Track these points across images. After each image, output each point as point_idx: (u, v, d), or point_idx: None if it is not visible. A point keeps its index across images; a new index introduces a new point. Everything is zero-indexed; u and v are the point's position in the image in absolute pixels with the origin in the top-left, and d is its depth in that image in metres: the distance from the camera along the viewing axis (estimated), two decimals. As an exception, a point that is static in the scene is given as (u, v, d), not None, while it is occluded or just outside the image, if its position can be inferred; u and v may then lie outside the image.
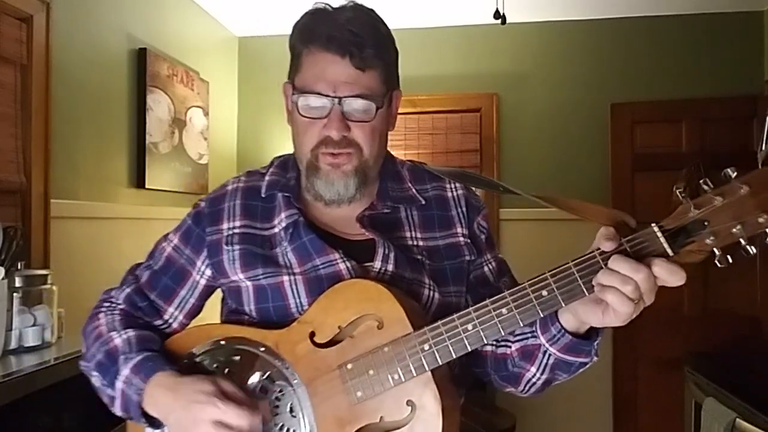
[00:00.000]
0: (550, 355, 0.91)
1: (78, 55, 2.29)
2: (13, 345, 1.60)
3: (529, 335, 0.94)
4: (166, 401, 0.90)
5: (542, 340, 0.90)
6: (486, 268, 1.07)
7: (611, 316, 0.80)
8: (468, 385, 1.06)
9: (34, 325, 1.65)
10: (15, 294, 1.64)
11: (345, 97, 0.94)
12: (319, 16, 0.97)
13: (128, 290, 1.06)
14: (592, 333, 0.89)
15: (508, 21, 2.55)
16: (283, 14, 3.34)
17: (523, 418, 3.22)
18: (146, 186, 2.66)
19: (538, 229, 3.35)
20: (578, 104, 3.42)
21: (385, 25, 1.01)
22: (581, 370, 0.93)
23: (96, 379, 0.99)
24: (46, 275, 1.75)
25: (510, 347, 0.98)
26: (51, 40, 2.08)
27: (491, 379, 1.03)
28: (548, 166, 3.44)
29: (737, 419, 1.92)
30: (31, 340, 1.63)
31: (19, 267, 1.72)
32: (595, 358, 0.91)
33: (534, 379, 0.96)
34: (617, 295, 0.77)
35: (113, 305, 1.06)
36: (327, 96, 0.94)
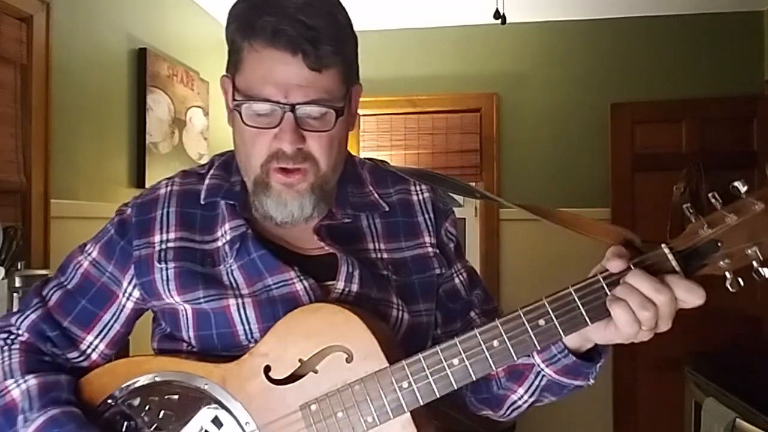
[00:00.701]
0: (543, 376, 0.82)
1: (78, 55, 2.29)
2: (13, 345, 1.60)
3: None
4: None
5: (537, 360, 0.81)
6: (456, 280, 0.95)
7: (613, 335, 0.73)
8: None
9: (34, 325, 1.65)
10: (15, 294, 1.64)
11: (299, 104, 0.78)
12: (260, 1, 0.79)
13: (33, 316, 0.87)
14: (594, 353, 0.80)
15: (508, 21, 2.55)
16: (283, 14, 3.33)
17: (523, 418, 3.22)
18: (146, 186, 2.66)
19: (538, 229, 3.34)
20: (578, 104, 3.42)
21: (343, 8, 0.83)
22: (570, 394, 0.85)
23: None
24: (46, 275, 1.74)
25: None
26: (51, 40, 2.08)
27: (465, 402, 0.93)
28: (548, 166, 3.44)
29: (737, 419, 1.92)
30: (31, 340, 1.63)
31: (19, 267, 1.72)
32: (591, 382, 0.83)
33: (519, 402, 0.87)
34: (628, 314, 0.69)
35: (13, 337, 0.87)
36: (277, 103, 0.78)
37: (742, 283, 0.70)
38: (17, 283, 1.65)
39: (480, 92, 3.49)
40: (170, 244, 0.86)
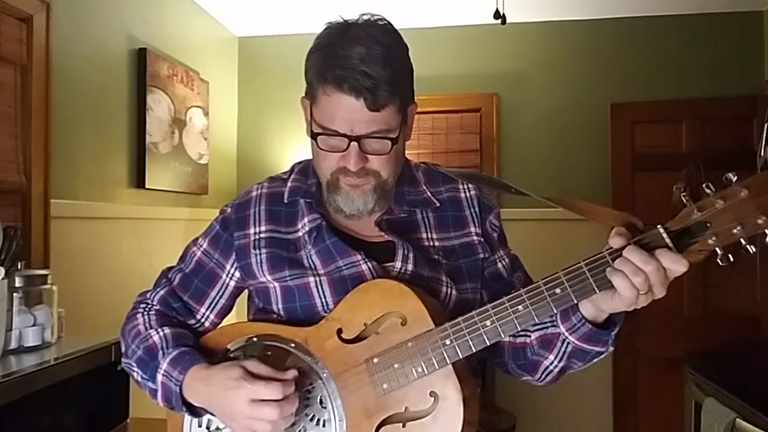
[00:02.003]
0: (568, 343, 0.96)
1: (78, 55, 2.29)
2: (13, 345, 1.59)
3: (549, 324, 0.98)
4: (202, 391, 0.97)
5: (562, 329, 0.95)
6: (499, 265, 1.12)
7: (617, 301, 0.86)
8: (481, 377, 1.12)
9: (34, 325, 1.65)
10: (15, 294, 1.64)
11: (361, 136, 0.97)
12: (331, 51, 0.97)
13: (162, 292, 1.13)
14: (610, 323, 0.94)
15: (508, 21, 2.55)
16: (283, 14, 3.34)
17: (523, 418, 3.22)
18: (146, 186, 2.66)
19: (539, 229, 3.35)
20: (578, 104, 3.42)
21: (400, 48, 1.01)
22: (596, 360, 0.98)
23: (137, 374, 1.06)
24: (46, 275, 1.74)
25: (530, 336, 1.02)
26: (51, 40, 2.08)
27: (508, 369, 1.08)
28: (548, 166, 3.44)
29: (737, 419, 1.92)
30: (31, 340, 1.63)
31: (19, 267, 1.72)
32: (611, 348, 0.96)
33: (551, 367, 1.01)
34: (624, 280, 0.83)
35: (149, 306, 1.13)
36: (344, 135, 0.97)
37: (732, 258, 0.82)
38: (17, 283, 1.65)
39: (480, 92, 3.49)
40: (262, 235, 1.08)
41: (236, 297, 1.15)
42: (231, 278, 1.11)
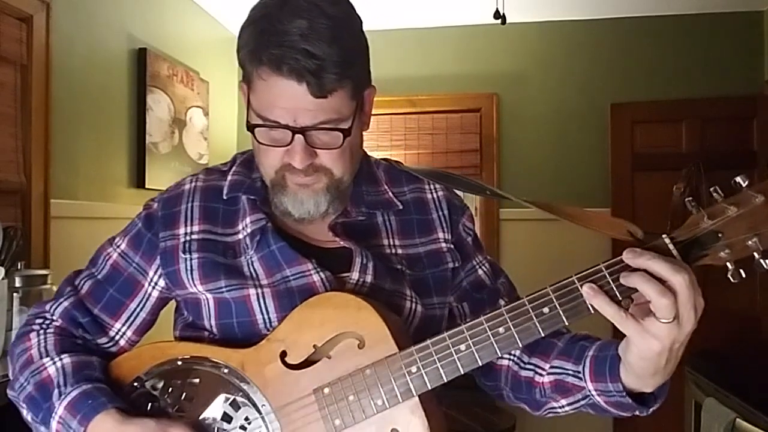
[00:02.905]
0: (592, 401, 0.82)
1: (78, 55, 2.29)
2: (13, 345, 1.60)
3: (571, 373, 0.84)
4: None
5: (590, 387, 0.81)
6: (480, 271, 0.99)
7: (636, 336, 0.71)
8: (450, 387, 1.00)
9: (34, 325, 1.65)
10: (15, 294, 1.64)
11: (307, 128, 0.81)
12: (266, 26, 0.79)
13: (66, 303, 0.93)
14: (649, 396, 0.80)
15: (508, 21, 2.55)
16: (283, 14, 3.33)
17: (523, 418, 3.22)
18: (146, 186, 2.66)
19: (538, 229, 3.34)
20: (578, 104, 3.42)
21: (351, 22, 0.83)
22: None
23: (27, 414, 0.88)
24: (46, 275, 1.74)
25: (542, 376, 0.88)
26: (51, 40, 2.08)
27: (503, 395, 0.96)
28: (548, 166, 3.44)
29: (737, 419, 1.92)
30: (31, 340, 1.63)
31: (19, 267, 1.72)
32: (643, 414, 0.81)
33: (559, 410, 0.89)
34: (649, 281, 0.68)
35: (47, 322, 0.93)
36: (286, 126, 0.81)
37: (743, 274, 0.71)
38: (17, 283, 1.65)
39: (480, 92, 3.49)
40: (194, 236, 0.91)
41: (160, 310, 0.97)
42: (154, 287, 0.93)
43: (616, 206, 3.31)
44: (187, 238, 0.91)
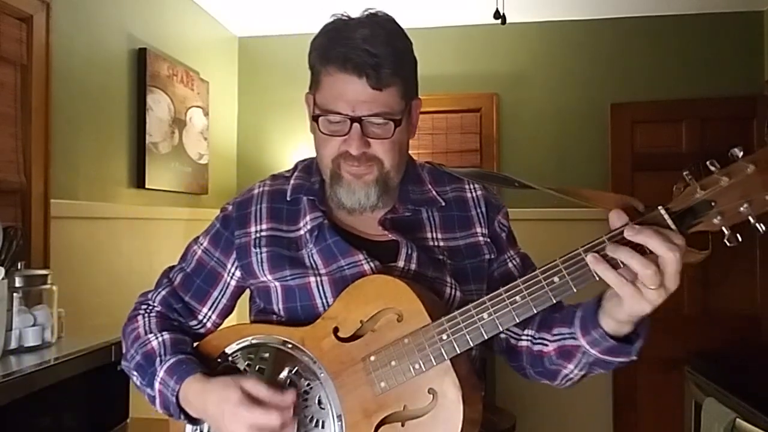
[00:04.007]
0: (590, 355, 0.92)
1: (78, 55, 2.29)
2: (13, 345, 1.59)
3: (568, 336, 0.95)
4: (199, 405, 0.96)
5: (582, 342, 0.91)
6: (510, 264, 1.10)
7: (624, 300, 0.80)
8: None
9: (34, 325, 1.64)
10: (15, 294, 1.64)
11: (364, 116, 0.96)
12: (335, 34, 0.97)
13: (163, 293, 1.12)
14: (633, 335, 0.89)
15: (508, 21, 2.55)
16: (283, 14, 3.34)
17: (523, 418, 3.22)
18: (146, 186, 2.66)
19: (538, 229, 3.34)
20: (578, 104, 3.42)
21: (404, 37, 1.02)
22: (620, 366, 0.95)
23: (136, 379, 1.05)
24: (46, 275, 1.74)
25: (547, 346, 0.99)
26: (51, 40, 2.08)
27: (527, 373, 1.06)
28: (548, 166, 3.44)
29: (737, 419, 1.92)
30: (31, 340, 1.62)
31: (19, 267, 1.72)
32: (635, 358, 0.92)
33: (571, 375, 0.99)
34: (634, 257, 0.78)
35: (150, 307, 1.12)
36: (346, 116, 0.96)
37: (740, 238, 0.77)
38: (17, 283, 1.65)
39: (480, 92, 3.49)
40: (263, 234, 1.07)
41: (238, 297, 1.14)
42: (232, 277, 1.10)
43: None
44: (257, 235, 1.07)
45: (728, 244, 0.77)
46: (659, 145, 3.36)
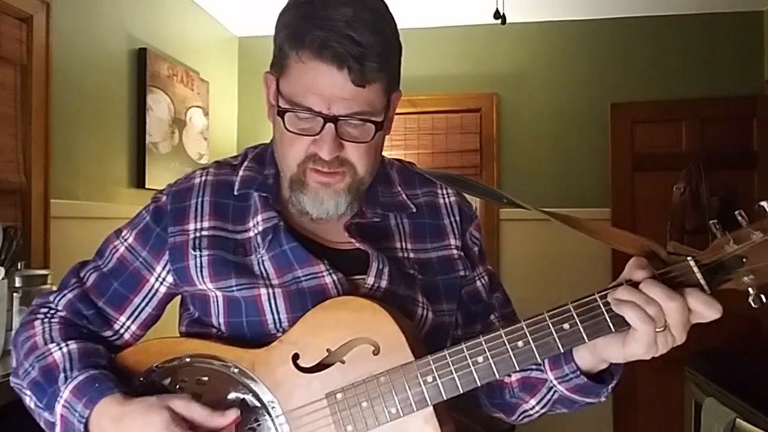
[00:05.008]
0: (555, 392, 0.84)
1: (78, 55, 2.29)
2: (13, 345, 1.60)
3: (534, 368, 0.85)
4: None
5: (550, 376, 0.82)
6: (479, 283, 0.98)
7: (632, 343, 0.72)
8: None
9: (34, 325, 1.65)
10: (15, 294, 1.64)
11: (341, 116, 0.80)
12: (309, 10, 0.79)
13: (70, 295, 0.92)
14: (606, 375, 0.82)
15: (508, 21, 2.55)
16: (283, 14, 3.33)
17: (523, 418, 3.22)
18: (146, 186, 2.66)
19: (538, 229, 3.34)
20: (578, 104, 3.42)
21: (391, 19, 0.84)
22: (582, 408, 0.87)
23: (30, 400, 0.85)
24: (46, 275, 1.74)
25: (509, 377, 0.89)
26: (51, 40, 2.08)
27: (480, 403, 0.96)
28: (548, 166, 3.44)
29: (737, 419, 1.92)
30: (31, 340, 1.63)
31: (19, 267, 1.72)
32: (603, 399, 0.84)
33: (531, 412, 0.90)
34: (636, 312, 0.70)
35: (51, 312, 0.92)
36: (319, 113, 0.80)
37: (764, 299, 0.72)
38: (17, 283, 1.65)
39: (480, 92, 3.49)
40: (204, 233, 0.89)
41: (166, 304, 0.95)
42: (161, 283, 0.91)
43: (615, 206, 3.31)
44: (197, 234, 0.89)
45: (753, 305, 0.73)
46: (659, 145, 3.36)
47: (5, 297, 1.57)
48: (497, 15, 2.45)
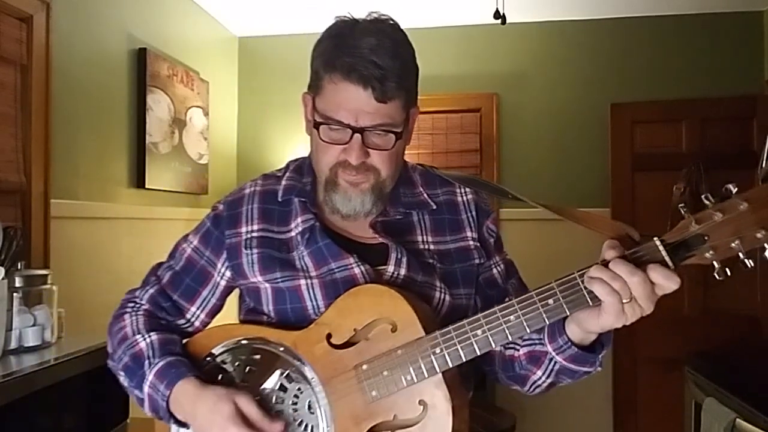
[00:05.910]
0: (556, 362, 0.95)
1: (78, 55, 2.29)
2: (13, 345, 1.59)
3: (537, 342, 0.97)
4: (189, 411, 0.96)
5: (549, 348, 0.94)
6: (494, 271, 1.10)
7: (604, 314, 0.83)
8: (474, 383, 1.10)
9: (34, 325, 1.65)
10: (15, 294, 1.64)
11: (366, 128, 0.96)
12: (340, 42, 0.96)
13: (151, 291, 1.11)
14: (597, 345, 0.93)
15: (508, 21, 2.55)
16: (283, 14, 3.34)
17: (523, 418, 3.22)
18: (146, 186, 2.66)
19: (538, 229, 3.34)
20: (578, 104, 3.43)
21: (408, 45, 1.02)
22: (585, 377, 0.97)
23: (124, 380, 1.05)
24: (46, 275, 1.74)
25: (518, 351, 1.01)
26: (51, 40, 2.08)
27: (498, 377, 1.07)
28: (548, 166, 3.44)
29: (737, 419, 1.92)
30: (31, 340, 1.63)
31: (19, 267, 1.72)
32: (599, 369, 0.95)
33: (539, 381, 1.00)
34: (603, 286, 0.81)
35: (137, 305, 1.11)
36: (348, 125, 0.96)
37: (729, 272, 0.79)
38: (17, 283, 1.65)
39: (480, 92, 3.49)
40: (254, 234, 1.06)
41: (227, 296, 1.13)
42: (222, 277, 1.09)
43: (616, 206, 3.31)
44: (248, 235, 1.06)
45: (717, 277, 0.80)
46: (659, 145, 3.36)
47: (5, 297, 1.57)
48: (497, 15, 2.45)
